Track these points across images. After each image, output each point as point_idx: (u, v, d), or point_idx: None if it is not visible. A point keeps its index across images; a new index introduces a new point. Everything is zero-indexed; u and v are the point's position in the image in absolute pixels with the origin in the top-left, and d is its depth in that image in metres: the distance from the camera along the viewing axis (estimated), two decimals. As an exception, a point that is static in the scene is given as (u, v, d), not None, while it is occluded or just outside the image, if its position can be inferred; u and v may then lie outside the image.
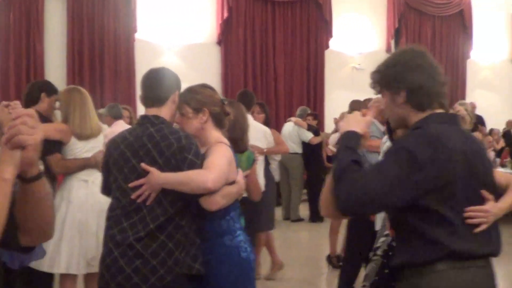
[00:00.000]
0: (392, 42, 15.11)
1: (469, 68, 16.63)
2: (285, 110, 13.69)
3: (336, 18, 14.26)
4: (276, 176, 9.99)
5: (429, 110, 2.54)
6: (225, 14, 13.00)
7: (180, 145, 3.13)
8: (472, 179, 2.44)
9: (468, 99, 13.87)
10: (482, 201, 2.47)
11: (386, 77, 2.57)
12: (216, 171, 3.11)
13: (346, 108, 12.81)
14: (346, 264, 5.78)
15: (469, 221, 2.41)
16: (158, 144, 3.12)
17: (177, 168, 3.09)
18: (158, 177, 3.07)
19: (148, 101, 3.29)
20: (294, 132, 10.48)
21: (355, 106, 7.95)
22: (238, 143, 3.86)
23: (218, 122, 3.44)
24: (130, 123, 8.50)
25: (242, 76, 13.32)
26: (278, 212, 10.21)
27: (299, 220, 10.64)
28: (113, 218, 3.19)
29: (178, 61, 12.37)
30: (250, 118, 6.20)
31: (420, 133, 2.46)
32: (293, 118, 10.82)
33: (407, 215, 2.43)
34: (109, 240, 3.18)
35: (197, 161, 3.13)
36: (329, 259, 7.44)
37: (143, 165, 3.10)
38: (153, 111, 3.24)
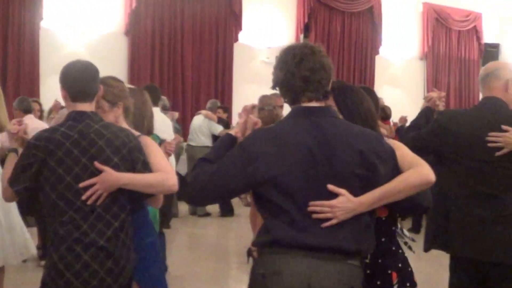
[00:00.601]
0: (302, 37, 15.31)
1: (378, 64, 17.06)
2: (192, 103, 13.74)
3: (246, 11, 14.37)
4: (185, 169, 10.10)
5: (297, 104, 2.69)
6: (133, 4, 12.95)
7: (132, 144, 3.16)
8: (317, 171, 2.54)
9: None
10: (333, 194, 2.55)
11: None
12: (172, 171, 3.27)
13: (254, 101, 13.04)
14: None
15: (315, 215, 2.53)
16: (111, 142, 3.09)
17: (132, 167, 3.11)
18: (117, 177, 3.04)
19: (80, 96, 3.16)
20: (204, 125, 10.56)
21: (265, 101, 8.14)
22: (140, 128, 3.92)
23: (127, 114, 3.55)
24: (40, 117, 8.41)
25: (149, 67, 13.30)
26: (185, 207, 10.28)
27: (206, 214, 10.65)
28: (70, 222, 3.03)
29: (84, 51, 12.22)
30: (157, 110, 6.42)
31: (263, 129, 2.73)
32: (203, 111, 10.88)
33: (256, 203, 2.66)
34: (74, 245, 3.03)
35: (147, 161, 3.19)
36: (250, 252, 7.42)
37: (97, 164, 3.03)
38: (86, 107, 3.16)
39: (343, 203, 2.54)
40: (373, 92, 4.96)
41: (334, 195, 2.55)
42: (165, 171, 3.21)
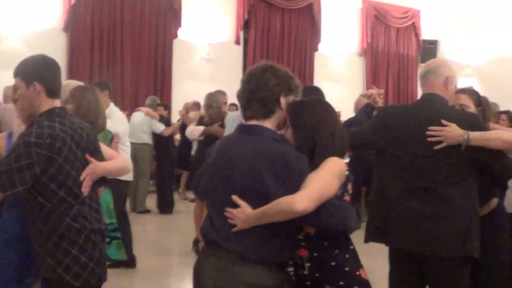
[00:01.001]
0: (241, 34, 15.46)
1: (317, 61, 17.29)
2: (131, 99, 13.72)
3: (185, 8, 14.39)
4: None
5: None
6: (72, 1, 12.89)
7: (94, 135, 3.48)
8: (230, 182, 2.90)
9: (317, 91, 14.53)
10: None
11: None
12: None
13: (194, 98, 13.27)
14: None
15: (228, 220, 2.89)
16: (88, 134, 3.33)
17: (96, 156, 3.37)
18: (102, 167, 3.37)
19: (57, 92, 3.30)
20: (145, 122, 10.59)
21: (212, 98, 8.35)
22: (95, 125, 4.17)
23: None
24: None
25: (88, 64, 13.28)
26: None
27: (146, 211, 10.76)
28: (79, 214, 3.18)
29: (22, 47, 12.15)
30: (111, 104, 6.80)
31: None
32: (143, 109, 10.88)
33: None
34: (90, 235, 3.20)
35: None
36: (196, 244, 7.55)
37: (87, 156, 3.26)
38: (59, 103, 3.31)
39: (239, 214, 2.84)
40: (320, 91, 5.28)
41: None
42: (116, 156, 3.67)
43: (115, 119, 6.53)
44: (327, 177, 2.85)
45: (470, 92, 4.36)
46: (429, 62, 4.14)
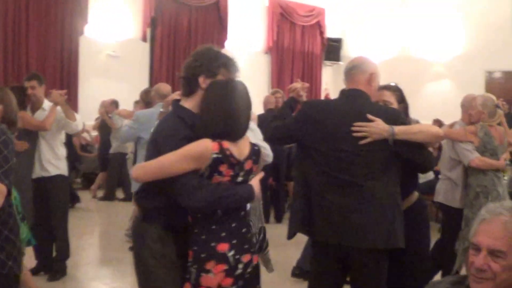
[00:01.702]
0: (148, 31, 15.48)
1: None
2: (36, 96, 13.51)
3: (92, 5, 14.30)
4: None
5: None
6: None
7: None
8: None
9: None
10: None
11: None
12: None
13: (102, 95, 13.38)
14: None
15: None
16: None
17: None
18: None
19: None
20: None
21: (144, 97, 8.44)
22: (14, 126, 4.37)
23: None
24: None
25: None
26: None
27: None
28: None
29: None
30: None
31: None
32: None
33: None
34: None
35: None
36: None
37: None
38: None
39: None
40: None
41: None
42: None
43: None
44: (172, 157, 3.20)
45: (394, 88, 4.45)
46: (354, 58, 4.20)
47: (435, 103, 17.34)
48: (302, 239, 4.63)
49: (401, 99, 4.42)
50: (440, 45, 18.25)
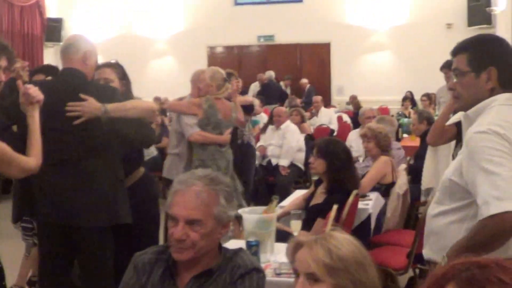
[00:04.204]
0: None
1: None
2: None
3: None
4: None
5: None
6: None
7: None
8: None
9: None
10: None
11: None
12: None
13: None
14: None
15: None
16: None
17: None
18: None
19: None
20: None
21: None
22: None
23: None
24: None
25: None
26: None
27: None
28: None
29: None
30: None
31: None
32: None
33: None
34: None
35: None
36: None
37: None
38: None
39: None
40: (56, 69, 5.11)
41: None
42: None
43: None
44: None
45: (114, 66, 4.49)
46: (69, 36, 4.21)
47: (160, 80, 18.01)
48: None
49: (123, 76, 4.49)
50: (161, 22, 18.96)
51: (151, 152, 9.17)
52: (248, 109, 7.97)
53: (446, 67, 5.93)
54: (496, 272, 1.22)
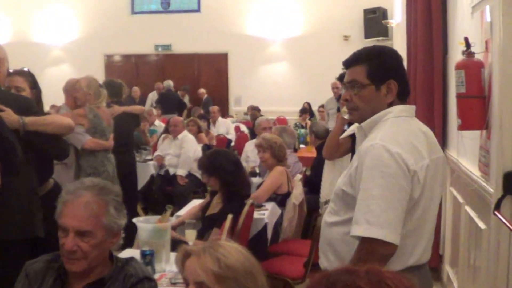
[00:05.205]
0: None
1: None
2: None
3: None
4: None
5: None
6: None
7: None
8: None
9: None
10: None
11: None
12: None
13: None
14: None
15: None
16: None
17: None
18: None
19: None
20: None
21: None
22: None
23: None
24: None
25: None
26: None
27: None
28: None
29: None
30: None
31: None
32: None
33: None
34: None
35: None
36: None
37: None
38: None
39: None
40: None
41: None
42: None
43: None
44: None
45: (26, 74, 4.38)
46: None
47: (56, 88, 17.54)
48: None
49: (34, 85, 4.41)
50: (56, 28, 18.60)
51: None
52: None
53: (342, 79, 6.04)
54: (358, 280, 1.25)
